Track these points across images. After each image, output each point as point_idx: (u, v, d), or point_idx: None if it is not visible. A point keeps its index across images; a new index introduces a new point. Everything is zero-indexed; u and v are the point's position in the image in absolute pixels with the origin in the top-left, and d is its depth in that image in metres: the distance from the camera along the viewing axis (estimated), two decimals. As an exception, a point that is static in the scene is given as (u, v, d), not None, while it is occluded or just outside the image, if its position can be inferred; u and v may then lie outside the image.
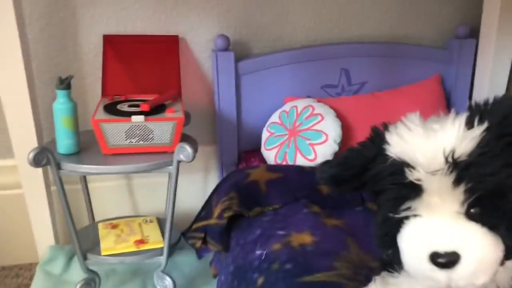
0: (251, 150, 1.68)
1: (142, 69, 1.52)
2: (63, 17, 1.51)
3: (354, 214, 1.30)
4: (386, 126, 0.85)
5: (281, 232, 1.19)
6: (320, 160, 1.43)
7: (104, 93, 1.48)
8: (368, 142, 0.86)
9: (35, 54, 1.52)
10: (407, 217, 0.74)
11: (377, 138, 0.84)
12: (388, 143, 0.79)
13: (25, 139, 1.43)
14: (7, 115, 1.42)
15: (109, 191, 1.70)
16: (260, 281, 1.06)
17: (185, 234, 1.45)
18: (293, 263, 1.06)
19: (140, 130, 1.28)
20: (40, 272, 1.52)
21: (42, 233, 1.56)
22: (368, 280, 0.90)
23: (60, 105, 1.25)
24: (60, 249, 1.57)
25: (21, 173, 1.47)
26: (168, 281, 1.41)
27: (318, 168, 0.88)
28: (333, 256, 1.09)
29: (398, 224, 0.76)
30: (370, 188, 0.83)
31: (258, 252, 1.15)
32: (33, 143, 1.43)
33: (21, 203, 1.61)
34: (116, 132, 1.27)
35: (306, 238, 1.15)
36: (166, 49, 1.54)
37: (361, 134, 1.52)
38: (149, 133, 1.28)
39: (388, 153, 0.78)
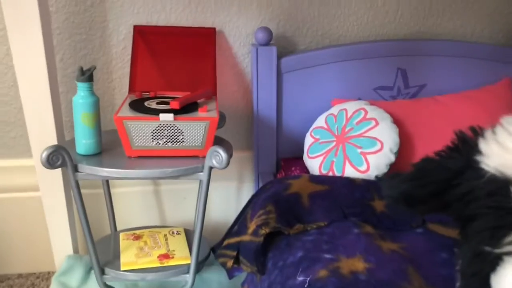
0: (291, 157, 1.50)
1: (175, 64, 1.37)
2: (91, 5, 1.38)
3: (413, 237, 1.11)
4: (476, 131, 0.66)
5: (327, 256, 1.01)
6: (373, 171, 1.23)
7: (131, 89, 1.34)
8: (452, 152, 0.68)
9: (59, 45, 1.40)
10: (509, 253, 0.55)
11: (465, 146, 0.66)
12: (481, 153, 0.61)
13: (43, 138, 1.30)
14: (26, 111, 1.29)
15: (134, 198, 1.55)
16: (303, 314, 0.88)
17: (215, 250, 1.28)
18: (344, 296, 0.88)
19: (169, 131, 1.12)
20: (55, 283, 1.38)
21: (60, 241, 1.42)
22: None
23: (81, 99, 1.11)
24: (79, 260, 1.44)
25: (38, 174, 1.35)
26: (194, 302, 1.25)
27: (385, 183, 0.70)
28: (392, 289, 0.90)
29: (495, 262, 0.58)
30: (455, 211, 0.64)
31: (300, 279, 0.98)
32: (52, 142, 1.30)
33: (39, 207, 1.48)
34: (141, 131, 1.11)
35: (358, 264, 0.97)
36: (201, 42, 1.39)
37: (421, 144, 1.33)
38: (179, 134, 1.12)
39: (483, 166, 0.60)
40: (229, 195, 1.61)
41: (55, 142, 1.30)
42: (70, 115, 1.47)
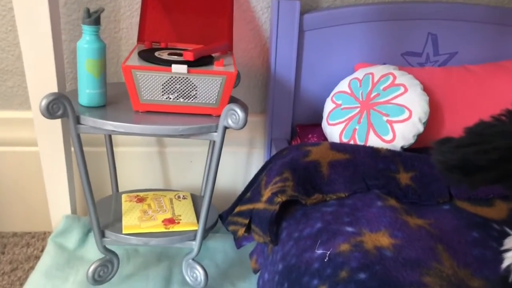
0: (308, 124, 1.41)
1: (188, 14, 1.25)
2: None
3: (440, 213, 1.02)
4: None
5: (349, 229, 0.93)
6: (399, 141, 1.14)
7: (140, 38, 1.23)
8: (518, 116, 0.58)
9: (64, -12, 1.29)
10: None
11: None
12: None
13: (43, 88, 1.20)
14: (25, 58, 1.19)
15: (137, 159, 1.46)
16: (322, 290, 0.81)
17: (224, 217, 1.20)
18: (369, 273, 0.81)
19: (181, 84, 1.02)
20: (52, 244, 1.31)
21: (57, 200, 1.34)
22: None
23: (86, 44, 1.00)
24: (77, 221, 1.36)
25: (37, 128, 1.25)
26: (199, 271, 1.17)
27: (437, 147, 0.61)
28: (422, 268, 0.83)
29: None
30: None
31: (319, 252, 0.90)
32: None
33: (38, 163, 1.40)
34: (151, 83, 1.01)
35: (383, 240, 0.90)
36: (218, -7, 1.27)
37: (450, 115, 1.23)
38: (192, 88, 1.02)
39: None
40: (238, 162, 1.52)
41: (56, 93, 1.20)
42: (72, 66, 1.36)
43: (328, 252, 0.88)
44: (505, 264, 0.68)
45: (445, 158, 0.58)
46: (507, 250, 0.70)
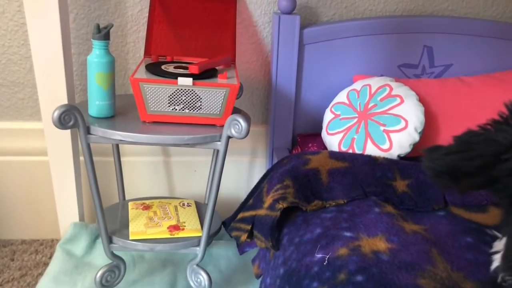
0: (308, 134, 1.45)
1: (193, 29, 1.31)
2: (108, -37, 1.32)
3: (436, 219, 1.06)
4: (529, 103, 0.61)
5: (347, 234, 0.97)
6: (396, 150, 1.18)
7: (147, 52, 1.28)
8: (500, 125, 0.62)
9: (73, 4, 1.34)
10: None
11: (517, 119, 0.60)
12: (536, 127, 0.56)
13: (54, 99, 1.25)
14: (37, 71, 1.24)
15: (144, 168, 1.51)
16: (322, 292, 0.84)
17: (227, 224, 1.24)
18: (366, 275, 0.84)
19: (187, 96, 1.07)
20: (60, 251, 1.35)
21: (66, 208, 1.38)
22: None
23: (96, 58, 1.06)
24: (84, 228, 1.40)
25: (47, 138, 1.30)
26: (203, 276, 1.21)
27: (427, 155, 0.65)
28: (417, 271, 0.86)
29: None
30: (505, 187, 0.60)
31: (318, 256, 0.94)
32: (63, 103, 1.24)
33: (47, 172, 1.44)
34: (158, 95, 1.06)
35: (380, 244, 0.93)
36: (221, 8, 1.33)
37: (446, 125, 1.28)
38: (197, 100, 1.07)
39: (539, 140, 0.55)
40: (240, 170, 1.56)
41: (66, 105, 1.25)
42: (80, 78, 1.41)
43: (327, 256, 0.91)
44: (493, 266, 0.72)
45: (434, 165, 0.63)
46: (495, 253, 0.74)
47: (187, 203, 1.33)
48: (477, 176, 0.61)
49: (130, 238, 1.16)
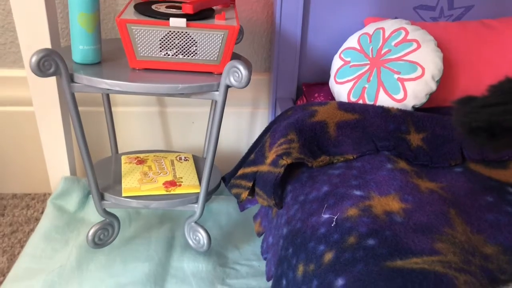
0: (315, 83, 1.35)
1: (187, -35, 1.18)
2: None
3: (453, 176, 0.98)
4: None
5: (357, 193, 0.89)
6: (410, 101, 1.09)
7: (136, -9, 1.15)
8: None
9: None
10: None
11: None
12: None
13: (37, 44, 1.14)
14: (15, 12, 1.12)
15: (137, 119, 1.41)
16: (328, 257, 0.78)
17: (227, 180, 1.16)
18: (378, 239, 0.77)
19: (180, 39, 0.96)
20: (51, 206, 1.28)
21: (56, 161, 1.30)
22: (485, 273, 0.61)
23: (77, -5, 0.94)
24: (76, 182, 1.33)
25: (31, 87, 1.20)
26: (201, 234, 1.15)
27: (460, 108, 0.55)
28: (434, 234, 0.79)
29: None
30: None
31: (325, 216, 0.86)
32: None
33: (34, 123, 1.35)
34: (148, 39, 0.95)
35: (393, 204, 0.86)
36: None
37: (466, 74, 1.16)
38: (192, 44, 0.96)
39: None
40: (241, 122, 1.47)
41: (49, 50, 1.14)
42: (66, 21, 1.29)
43: (335, 217, 0.84)
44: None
45: (469, 120, 0.53)
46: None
47: (185, 157, 1.25)
48: (519, 132, 0.51)
49: (123, 194, 1.09)
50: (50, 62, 0.90)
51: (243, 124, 1.48)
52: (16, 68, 1.35)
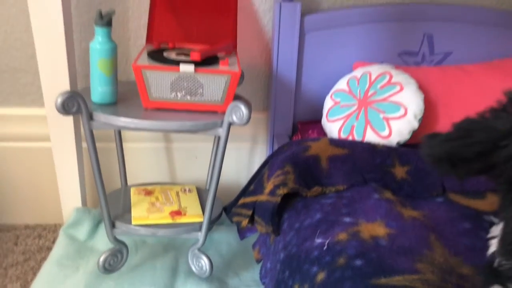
0: (309, 120, 1.46)
1: (194, 16, 1.31)
2: (109, -51, 1.32)
3: (434, 205, 1.08)
4: (527, 91, 0.62)
5: (347, 219, 0.98)
6: (395, 138, 1.20)
7: (148, 39, 1.28)
8: (499, 111, 0.64)
9: (75, -10, 1.34)
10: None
11: (515, 106, 0.62)
12: (533, 114, 0.57)
13: (57, 85, 1.26)
14: (39, 57, 1.24)
15: (146, 154, 1.52)
16: (321, 277, 0.87)
17: (228, 210, 1.25)
18: (365, 260, 0.86)
19: (189, 82, 1.08)
20: (63, 235, 1.37)
21: (69, 193, 1.40)
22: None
23: (98, 44, 1.06)
24: (87, 213, 1.42)
25: (50, 124, 1.31)
26: (204, 261, 1.23)
27: (426, 141, 0.66)
28: (415, 255, 0.88)
29: None
30: (502, 173, 0.61)
31: (318, 241, 0.95)
32: (66, 89, 1.25)
33: (49, 158, 1.46)
34: (160, 82, 1.07)
35: (379, 229, 0.95)
36: (222, -5, 1.33)
37: (445, 113, 1.29)
38: (199, 86, 1.08)
39: (536, 125, 0.56)
40: (241, 157, 1.58)
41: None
42: (82, 65, 1.42)
43: (327, 241, 0.93)
44: (490, 250, 0.74)
45: (433, 151, 0.64)
46: (492, 238, 0.75)
47: (189, 189, 1.35)
48: (475, 162, 0.62)
49: (133, 223, 1.18)
50: (73, 102, 1.02)
51: (243, 158, 1.58)
52: (34, 107, 1.47)
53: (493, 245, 0.72)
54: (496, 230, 0.72)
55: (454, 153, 0.62)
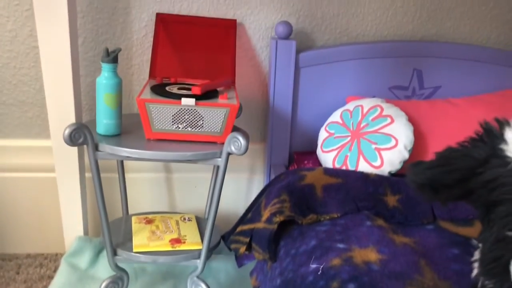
0: (304, 151, 1.52)
1: (195, 52, 1.39)
2: (115, -10, 1.40)
3: (424, 232, 1.12)
4: (501, 122, 0.68)
5: (340, 246, 1.02)
6: (386, 167, 1.25)
7: (151, 74, 1.35)
8: (476, 142, 0.69)
9: (82, 29, 1.42)
10: (532, 239, 0.57)
11: (490, 136, 0.68)
12: (506, 143, 0.63)
13: (63, 118, 1.32)
14: (47, 91, 1.31)
15: (146, 184, 1.57)
16: (316, 300, 0.90)
17: (226, 238, 1.29)
18: (357, 283, 0.90)
19: (190, 115, 1.14)
20: (65, 264, 1.40)
21: (71, 222, 1.44)
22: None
23: (105, 79, 1.13)
24: (88, 242, 1.45)
25: (55, 155, 1.36)
26: (203, 288, 1.26)
27: (411, 169, 0.71)
28: (406, 279, 0.92)
29: None
30: (479, 198, 0.66)
31: (313, 266, 0.99)
32: (71, 122, 1.31)
33: (53, 188, 1.50)
34: (163, 114, 1.13)
35: (371, 255, 0.99)
36: (222, 33, 1.41)
37: (434, 144, 1.35)
38: (199, 119, 1.14)
39: (508, 154, 0.62)
40: (239, 186, 1.62)
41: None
42: (87, 98, 1.48)
43: (321, 266, 0.97)
44: (474, 273, 0.78)
45: (417, 178, 0.69)
46: (475, 261, 0.79)
47: (188, 218, 1.39)
48: (455, 188, 0.67)
49: (134, 250, 1.22)
50: (80, 134, 1.07)
51: (241, 188, 1.63)
52: (40, 139, 1.52)
53: (476, 268, 0.76)
54: (478, 253, 0.77)
55: (436, 179, 0.67)
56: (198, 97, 1.14)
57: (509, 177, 0.61)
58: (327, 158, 1.35)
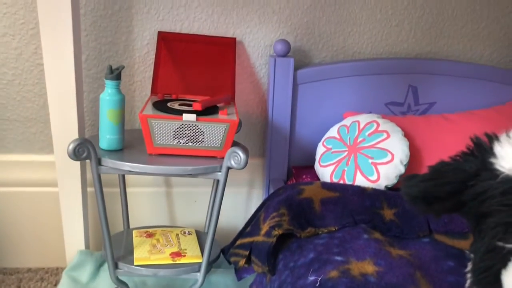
0: (302, 166, 1.54)
1: (196, 70, 1.43)
2: (118, 9, 1.44)
3: (420, 245, 1.14)
4: (490, 136, 0.71)
5: (338, 258, 1.04)
6: (383, 181, 1.28)
7: (153, 91, 1.39)
8: (467, 156, 0.72)
9: (85, 47, 1.46)
10: (521, 249, 0.60)
11: (480, 150, 0.71)
12: (496, 156, 0.66)
13: (66, 133, 1.35)
14: (51, 107, 1.34)
15: (147, 198, 1.59)
16: (314, 312, 0.92)
17: (226, 251, 1.31)
18: (355, 295, 0.91)
19: (190, 130, 1.17)
20: (66, 277, 1.41)
21: (73, 236, 1.45)
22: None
23: (108, 96, 1.16)
24: (90, 255, 1.46)
25: (58, 170, 1.38)
26: (203, 301, 1.27)
27: (404, 182, 0.74)
28: (402, 291, 0.93)
29: (506, 257, 0.61)
30: (470, 209, 0.69)
31: (311, 278, 1.01)
32: (74, 137, 1.33)
33: (54, 202, 1.52)
34: (164, 130, 1.16)
35: (368, 267, 1.01)
36: (222, 51, 1.45)
37: (430, 158, 1.38)
38: (200, 134, 1.17)
39: (497, 167, 0.65)
40: (238, 201, 1.64)
41: (77, 138, 1.34)
42: (90, 114, 1.51)
43: (319, 278, 0.99)
44: (467, 284, 0.80)
45: (410, 191, 0.72)
46: (469, 272, 0.82)
47: (188, 232, 1.41)
48: (447, 200, 0.70)
49: (135, 263, 1.23)
50: (84, 149, 1.10)
51: (241, 203, 1.65)
52: (42, 154, 1.55)
53: (469, 278, 0.78)
54: (470, 264, 0.79)
55: (429, 192, 0.70)
56: (199, 113, 1.18)
57: (498, 189, 0.63)
58: (325, 172, 1.38)
